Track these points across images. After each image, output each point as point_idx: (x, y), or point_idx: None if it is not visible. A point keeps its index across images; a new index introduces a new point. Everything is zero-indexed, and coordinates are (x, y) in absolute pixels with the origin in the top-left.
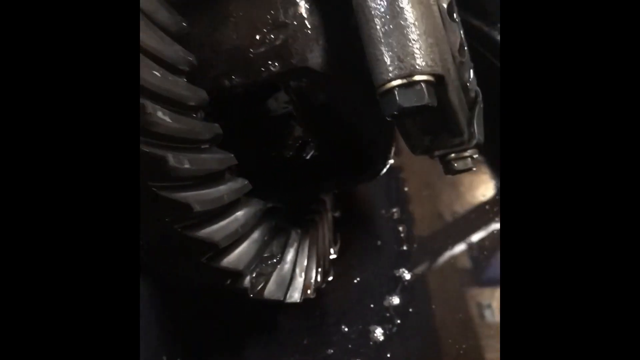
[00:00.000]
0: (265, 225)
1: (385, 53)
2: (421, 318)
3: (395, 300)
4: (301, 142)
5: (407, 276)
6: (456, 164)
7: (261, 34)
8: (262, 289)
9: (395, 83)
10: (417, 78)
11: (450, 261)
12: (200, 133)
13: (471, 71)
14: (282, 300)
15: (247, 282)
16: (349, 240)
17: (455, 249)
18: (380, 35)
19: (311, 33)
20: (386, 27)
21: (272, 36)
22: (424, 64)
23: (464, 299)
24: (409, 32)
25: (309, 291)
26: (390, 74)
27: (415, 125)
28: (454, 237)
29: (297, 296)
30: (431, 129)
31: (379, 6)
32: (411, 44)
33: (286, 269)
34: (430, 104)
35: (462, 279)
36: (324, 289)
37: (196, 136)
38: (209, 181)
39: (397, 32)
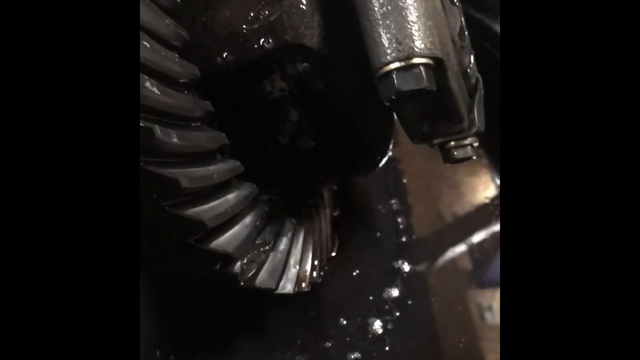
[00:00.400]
0: (257, 211)
1: (383, 35)
2: (420, 310)
3: (395, 292)
4: (297, 128)
5: (407, 268)
6: (456, 152)
7: (255, 9)
8: (254, 276)
9: (393, 66)
10: (416, 61)
11: (450, 253)
12: (190, 110)
13: (472, 57)
14: (274, 289)
15: (237, 268)
16: (347, 232)
17: (455, 240)
18: (378, 17)
19: (307, 10)
20: (384, 8)
21: (267, 12)
22: (422, 46)
23: (463, 291)
24: (408, 14)
25: (303, 284)
26: (388, 56)
27: (414, 111)
28: (453, 230)
29: (290, 287)
30: (430, 115)
31: None
32: (410, 26)
33: (279, 257)
34: (429, 88)
35: (462, 275)
36: (321, 281)
37: (186, 112)
38: (199, 160)
39: (395, 14)
